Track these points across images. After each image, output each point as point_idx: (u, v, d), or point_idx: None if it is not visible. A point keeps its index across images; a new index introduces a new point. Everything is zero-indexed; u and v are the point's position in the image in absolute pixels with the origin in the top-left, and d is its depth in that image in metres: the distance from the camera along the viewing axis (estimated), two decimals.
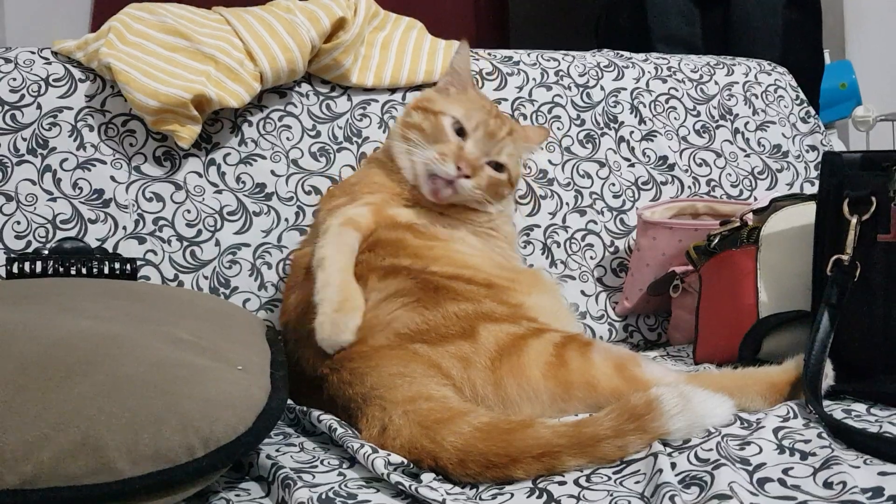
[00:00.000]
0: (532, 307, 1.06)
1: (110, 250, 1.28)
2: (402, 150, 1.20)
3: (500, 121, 1.22)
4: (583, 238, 1.50)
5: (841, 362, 0.96)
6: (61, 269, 1.14)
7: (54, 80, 1.35)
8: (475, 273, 1.09)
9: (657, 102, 1.64)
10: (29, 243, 1.27)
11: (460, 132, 1.17)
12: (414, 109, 1.23)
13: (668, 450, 0.80)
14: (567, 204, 1.51)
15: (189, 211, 1.34)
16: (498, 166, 1.21)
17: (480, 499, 0.78)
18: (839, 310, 0.96)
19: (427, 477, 0.80)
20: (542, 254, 1.47)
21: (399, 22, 1.58)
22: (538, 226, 1.48)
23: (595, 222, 1.51)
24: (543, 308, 1.09)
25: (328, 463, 0.86)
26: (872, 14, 2.67)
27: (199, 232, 1.33)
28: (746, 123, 1.67)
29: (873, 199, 0.95)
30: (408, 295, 1.01)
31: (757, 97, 1.70)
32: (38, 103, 1.33)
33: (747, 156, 1.65)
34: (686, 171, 1.59)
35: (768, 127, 1.68)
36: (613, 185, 1.55)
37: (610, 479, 0.78)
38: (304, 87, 1.46)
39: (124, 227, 1.31)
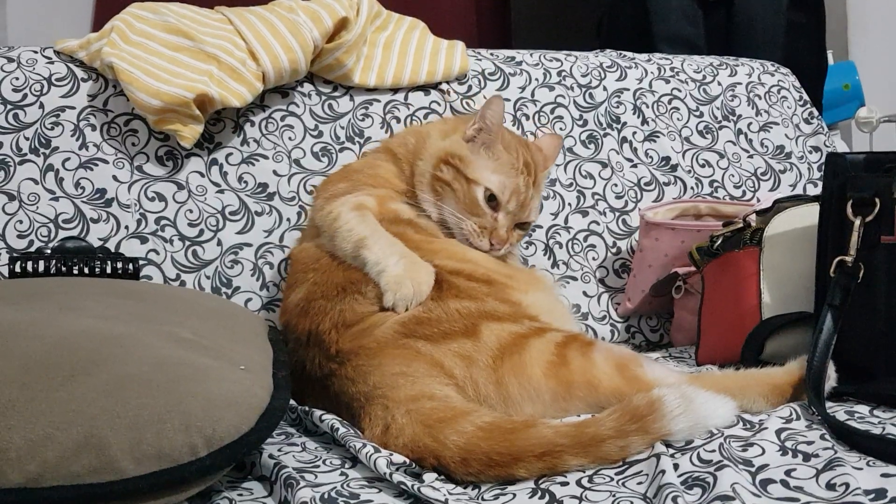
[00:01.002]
0: (531, 305, 1.07)
1: (112, 250, 1.28)
2: (430, 201, 1.18)
3: (527, 173, 1.20)
4: (585, 239, 1.50)
5: (844, 364, 0.96)
6: (63, 269, 1.14)
7: (57, 80, 1.35)
8: (475, 268, 1.09)
9: (660, 103, 1.64)
10: (31, 242, 1.27)
11: (492, 199, 1.17)
12: (444, 164, 1.18)
13: (671, 451, 0.80)
14: (569, 204, 1.51)
15: (191, 210, 1.34)
16: (524, 224, 1.23)
17: (483, 499, 0.78)
18: (842, 311, 0.96)
19: (429, 477, 0.80)
20: (545, 254, 1.47)
21: (401, 22, 1.59)
22: (540, 226, 1.48)
23: (597, 223, 1.51)
24: (541, 306, 1.09)
25: (330, 462, 0.86)
26: (876, 15, 2.67)
27: (201, 232, 1.34)
28: (749, 124, 1.67)
29: (877, 200, 0.95)
30: None
31: (760, 98, 1.70)
32: (40, 103, 1.33)
33: (750, 157, 1.65)
34: (689, 171, 1.59)
35: (771, 128, 1.68)
36: (616, 185, 1.55)
37: (612, 479, 0.78)
38: (307, 87, 1.46)
39: (126, 227, 1.31)
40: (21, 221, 1.27)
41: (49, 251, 1.21)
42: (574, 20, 2.80)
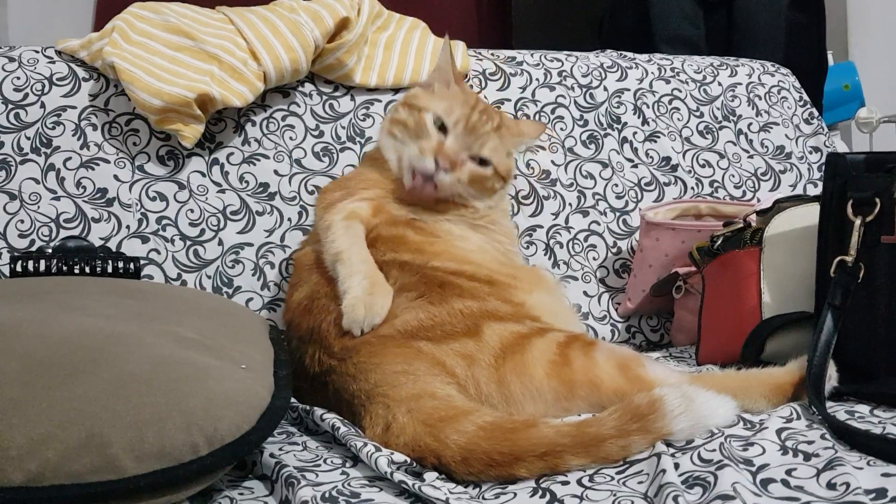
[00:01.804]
0: (534, 306, 1.07)
1: (114, 249, 1.28)
2: (389, 145, 1.21)
3: (486, 115, 1.21)
4: (585, 239, 1.50)
5: (844, 364, 0.96)
6: (65, 268, 1.14)
7: (58, 80, 1.35)
8: (477, 269, 1.09)
9: (660, 103, 1.64)
10: (33, 242, 1.27)
11: (442, 128, 1.17)
12: (401, 106, 1.23)
13: (672, 450, 0.80)
14: (570, 204, 1.51)
15: (192, 210, 1.34)
16: (482, 161, 1.19)
17: (483, 498, 0.78)
18: (843, 311, 0.96)
19: (430, 476, 0.80)
20: (545, 254, 1.47)
21: (402, 22, 1.59)
22: (541, 226, 1.48)
23: (598, 223, 1.51)
24: (545, 307, 1.09)
25: (331, 462, 0.86)
26: (876, 16, 2.67)
27: (203, 231, 1.34)
28: (750, 124, 1.67)
29: (877, 200, 0.95)
30: (412, 290, 1.01)
31: (760, 98, 1.70)
32: (41, 102, 1.33)
33: (750, 157, 1.65)
34: (689, 172, 1.59)
35: (771, 128, 1.68)
36: (616, 185, 1.55)
37: (613, 479, 0.78)
38: (308, 87, 1.46)
39: (128, 226, 1.31)
40: (22, 221, 1.27)
41: (50, 250, 1.21)
42: (575, 20, 2.80)
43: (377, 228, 1.11)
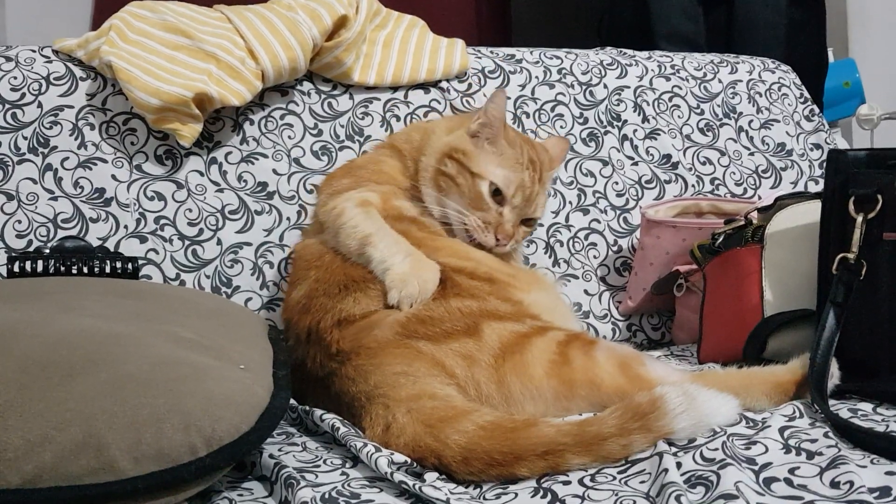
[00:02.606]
0: (532, 304, 1.06)
1: (112, 249, 1.28)
2: (433, 197, 1.18)
3: (533, 169, 1.20)
4: (586, 237, 1.50)
5: (847, 361, 0.95)
6: (62, 269, 1.14)
7: (55, 79, 1.35)
8: (477, 266, 1.08)
9: (661, 100, 1.63)
10: (30, 242, 1.26)
11: (497, 193, 1.16)
12: (448, 159, 1.18)
13: (674, 449, 0.80)
14: (570, 203, 1.51)
15: (190, 210, 1.33)
16: (531, 220, 1.21)
17: (484, 498, 0.77)
18: (845, 309, 0.95)
19: (430, 476, 0.80)
20: (545, 253, 1.47)
21: (401, 20, 1.58)
22: (541, 225, 1.47)
23: (598, 221, 1.51)
24: (543, 305, 1.08)
25: (331, 462, 0.86)
26: (876, 12, 2.67)
27: (201, 231, 1.33)
28: (750, 122, 1.67)
29: (879, 196, 0.95)
30: None
31: (761, 95, 1.70)
32: (38, 102, 1.33)
33: (751, 154, 1.64)
34: (690, 169, 1.59)
35: (772, 125, 1.68)
36: (617, 183, 1.54)
37: (615, 478, 0.77)
38: (306, 86, 1.46)
39: (126, 226, 1.30)
40: (20, 221, 1.27)
41: (48, 251, 1.20)
42: (574, 18, 2.80)
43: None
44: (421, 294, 0.99)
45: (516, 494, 0.77)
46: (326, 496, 0.76)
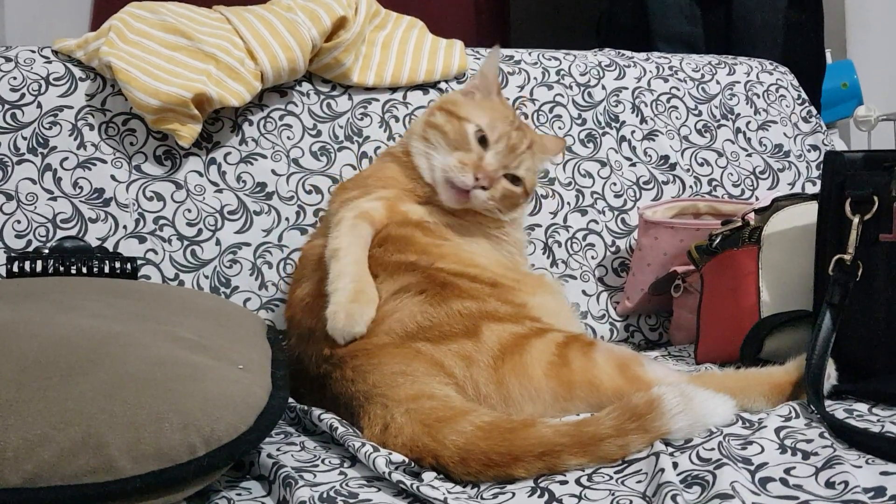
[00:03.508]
0: (536, 307, 1.06)
1: (111, 249, 1.28)
2: (420, 150, 1.19)
3: (522, 133, 1.21)
4: (584, 238, 1.50)
5: (843, 362, 0.96)
6: (62, 269, 1.14)
7: (55, 79, 1.35)
8: (481, 272, 1.08)
9: (658, 102, 1.64)
10: (29, 242, 1.26)
11: (482, 141, 1.16)
12: (438, 110, 1.20)
13: (670, 449, 0.80)
14: (568, 203, 1.51)
15: (189, 210, 1.34)
16: (515, 179, 1.19)
17: (482, 498, 0.77)
18: (841, 309, 0.96)
19: (428, 476, 0.80)
20: (544, 253, 1.47)
21: (400, 21, 1.58)
22: (539, 225, 1.48)
23: (596, 222, 1.51)
24: (547, 309, 1.08)
25: (329, 462, 0.86)
26: (874, 14, 2.67)
27: (200, 231, 1.33)
28: (748, 123, 1.67)
29: (875, 198, 0.95)
30: (413, 291, 1.01)
31: (758, 97, 1.70)
32: (38, 102, 1.33)
33: (749, 155, 1.65)
34: (688, 170, 1.59)
35: (770, 126, 1.68)
36: (615, 184, 1.55)
37: (611, 478, 0.78)
38: (305, 86, 1.46)
39: (125, 227, 1.30)
40: (19, 221, 1.27)
41: (47, 251, 1.21)
42: (573, 19, 2.80)
43: (387, 228, 1.11)
44: (346, 328, 0.96)
45: (514, 494, 0.77)
46: (324, 496, 0.76)
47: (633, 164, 1.58)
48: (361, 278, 1.01)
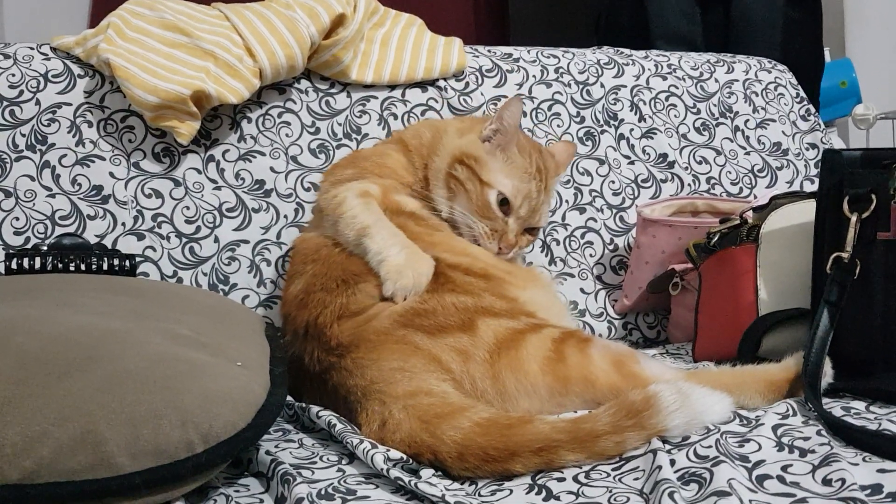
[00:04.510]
0: (528, 301, 1.07)
1: (109, 246, 1.28)
2: (443, 198, 1.18)
3: (540, 177, 1.20)
4: (582, 236, 1.50)
5: (840, 360, 0.96)
6: (60, 266, 1.14)
7: (53, 76, 1.35)
8: (473, 262, 1.09)
9: (657, 100, 1.64)
10: (28, 239, 1.26)
11: (504, 202, 1.16)
12: (459, 164, 1.18)
13: (667, 446, 0.80)
14: (566, 201, 1.51)
15: (188, 207, 1.34)
16: (533, 229, 1.22)
17: (479, 494, 0.78)
18: (839, 308, 0.96)
19: (426, 472, 0.80)
20: (542, 251, 1.47)
21: (398, 18, 1.58)
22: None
23: (595, 220, 1.51)
24: (539, 303, 1.09)
25: (327, 459, 0.86)
26: (873, 12, 2.67)
27: (198, 228, 1.33)
28: (746, 121, 1.67)
29: (873, 196, 0.95)
30: None
31: (757, 95, 1.70)
32: (36, 99, 1.33)
33: (747, 153, 1.65)
34: (686, 168, 1.59)
35: (768, 125, 1.68)
36: (613, 182, 1.55)
37: (609, 475, 0.78)
38: (304, 84, 1.46)
39: (123, 224, 1.30)
40: (17, 218, 1.27)
41: (46, 248, 1.20)
42: (572, 17, 2.80)
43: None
44: (415, 286, 1.00)
45: (511, 491, 0.77)
46: (323, 492, 0.76)
47: (632, 163, 1.58)
48: (410, 245, 1.05)
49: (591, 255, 1.50)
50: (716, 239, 1.22)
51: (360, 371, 0.94)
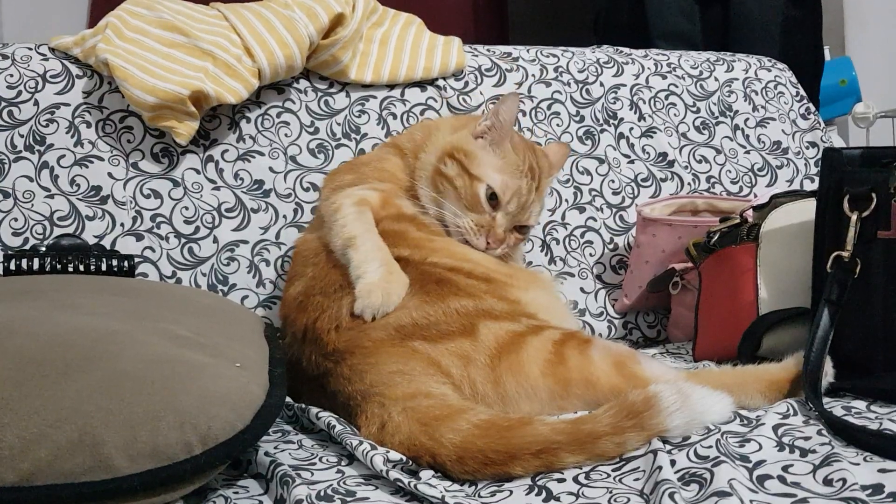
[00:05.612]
0: (530, 303, 1.06)
1: (108, 247, 1.28)
2: (430, 196, 1.17)
3: (532, 176, 1.19)
4: (582, 235, 1.50)
5: (841, 359, 0.96)
6: (59, 266, 1.14)
7: (51, 77, 1.35)
8: (474, 267, 1.08)
9: (657, 99, 1.63)
10: (26, 240, 1.26)
11: (493, 198, 1.15)
12: (449, 158, 1.17)
13: (668, 447, 0.80)
14: (566, 201, 1.51)
15: (187, 208, 1.34)
16: (524, 227, 1.21)
17: (479, 496, 0.77)
18: (839, 307, 0.96)
19: (426, 474, 0.80)
20: (542, 251, 1.47)
21: (397, 18, 1.58)
22: (538, 223, 1.47)
23: (594, 219, 1.51)
24: (541, 304, 1.08)
25: (327, 460, 0.86)
26: (872, 11, 2.67)
27: (197, 229, 1.33)
28: (746, 120, 1.67)
29: (873, 195, 0.95)
30: (409, 287, 1.01)
31: (757, 94, 1.70)
32: (35, 99, 1.33)
33: (747, 152, 1.64)
34: (686, 167, 1.59)
35: (768, 123, 1.68)
36: (613, 181, 1.55)
37: (609, 476, 0.78)
38: (303, 84, 1.46)
39: (122, 224, 1.30)
40: (16, 219, 1.27)
41: (44, 249, 1.20)
42: (571, 16, 2.80)
43: (382, 222, 1.10)
44: (383, 306, 0.98)
45: (511, 492, 0.77)
46: (322, 494, 0.76)
47: (632, 162, 1.57)
48: (389, 261, 1.03)
49: (590, 255, 1.49)
50: (716, 238, 1.21)
51: (358, 375, 0.94)
